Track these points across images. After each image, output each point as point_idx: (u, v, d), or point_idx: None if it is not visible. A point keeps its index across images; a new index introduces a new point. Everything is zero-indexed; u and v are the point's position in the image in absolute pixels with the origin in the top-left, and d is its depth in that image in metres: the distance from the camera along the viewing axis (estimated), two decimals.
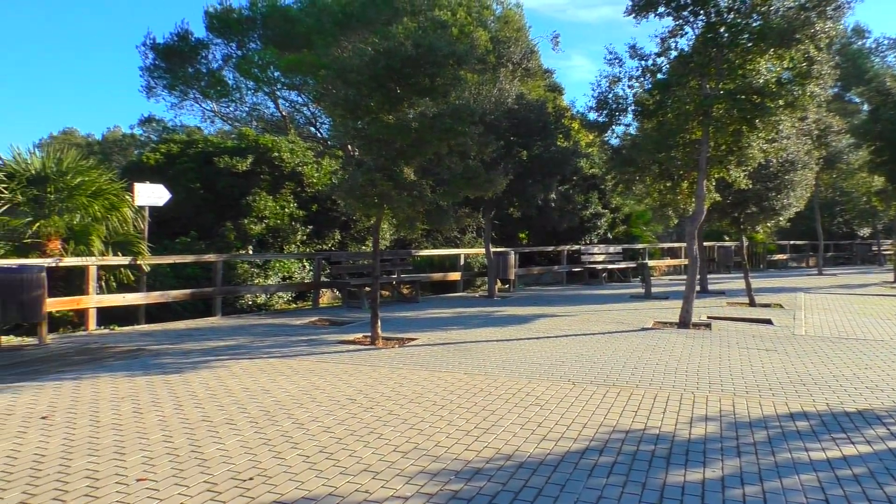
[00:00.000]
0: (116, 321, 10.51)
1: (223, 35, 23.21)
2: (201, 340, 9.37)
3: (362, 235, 16.99)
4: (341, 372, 7.31)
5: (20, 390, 6.26)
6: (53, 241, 9.95)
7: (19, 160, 9.90)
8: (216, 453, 4.54)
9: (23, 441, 4.76)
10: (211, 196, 15.16)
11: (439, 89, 8.40)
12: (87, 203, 10.03)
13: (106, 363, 7.62)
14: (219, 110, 24.60)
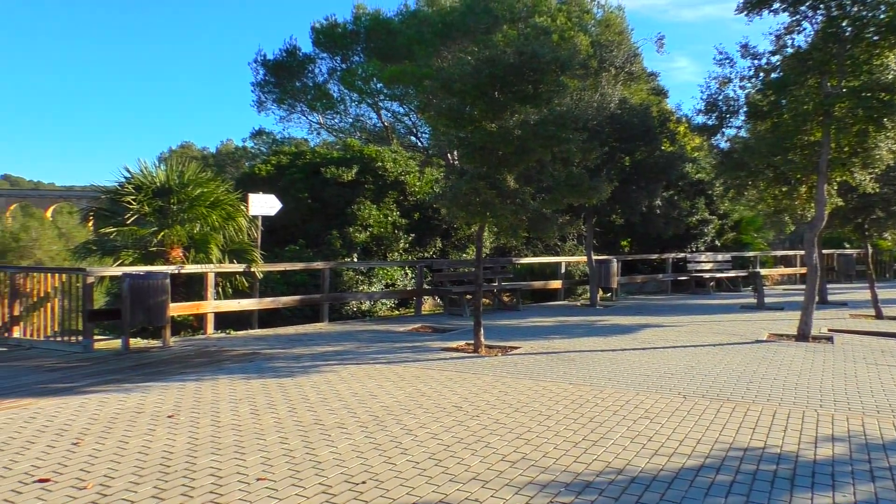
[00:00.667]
0: (232, 325, 11.04)
1: (328, 49, 24.05)
2: (311, 345, 9.69)
3: (463, 243, 17.11)
4: (446, 379, 7.37)
5: (148, 390, 6.67)
6: (176, 250, 10.59)
7: (146, 173, 10.63)
8: (329, 456, 4.67)
9: (152, 438, 5.07)
10: (318, 205, 15.70)
11: (542, 96, 8.35)
12: (206, 213, 10.63)
13: (224, 366, 8.02)
14: (324, 122, 25.48)
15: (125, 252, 10.33)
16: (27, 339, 9.35)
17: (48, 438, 5.00)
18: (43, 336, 9.44)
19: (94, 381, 7.09)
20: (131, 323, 8.93)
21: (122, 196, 10.16)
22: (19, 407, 5.93)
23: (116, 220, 10.39)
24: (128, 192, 10.26)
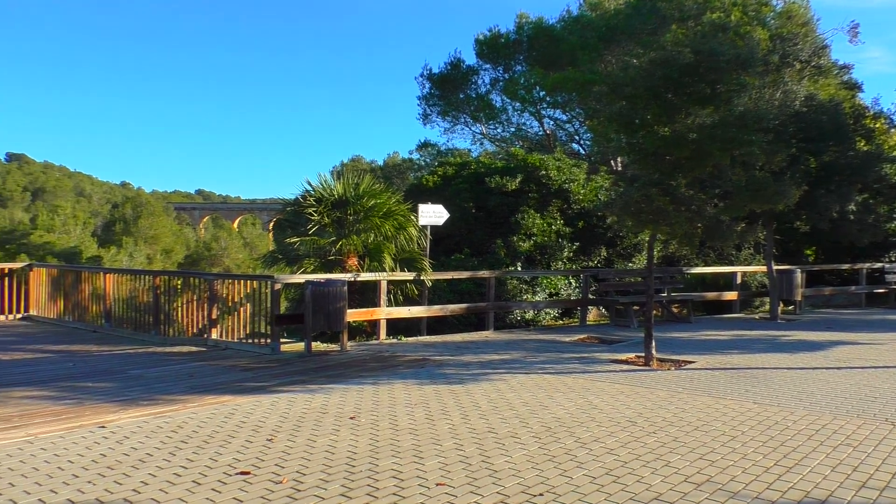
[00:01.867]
0: (402, 332, 11.44)
1: (491, 60, 24.37)
2: (478, 353, 9.81)
3: (629, 252, 16.59)
4: (617, 392, 7.15)
5: (330, 392, 7.05)
6: (352, 258, 11.17)
7: (325, 186, 11.32)
8: (504, 465, 4.67)
9: (337, 438, 5.34)
10: (482, 214, 15.91)
11: (721, 96, 7.90)
12: (380, 223, 11.13)
13: (398, 371, 8.31)
14: (486, 132, 25.83)
15: (307, 260, 11.06)
16: (222, 340, 10.23)
17: (246, 434, 5.43)
18: (235, 338, 10.30)
19: (282, 381, 7.62)
20: (313, 327, 9.51)
21: (305, 208, 10.89)
22: (219, 403, 6.49)
23: (299, 230, 11.15)
24: (309, 203, 10.99)
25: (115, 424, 5.63)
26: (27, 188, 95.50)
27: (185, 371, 8.17)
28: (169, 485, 4.26)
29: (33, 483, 4.25)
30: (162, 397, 6.67)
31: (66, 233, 53.27)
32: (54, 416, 5.90)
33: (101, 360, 9.03)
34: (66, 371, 8.23)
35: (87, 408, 6.20)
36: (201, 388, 7.16)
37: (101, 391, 6.98)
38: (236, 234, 71.93)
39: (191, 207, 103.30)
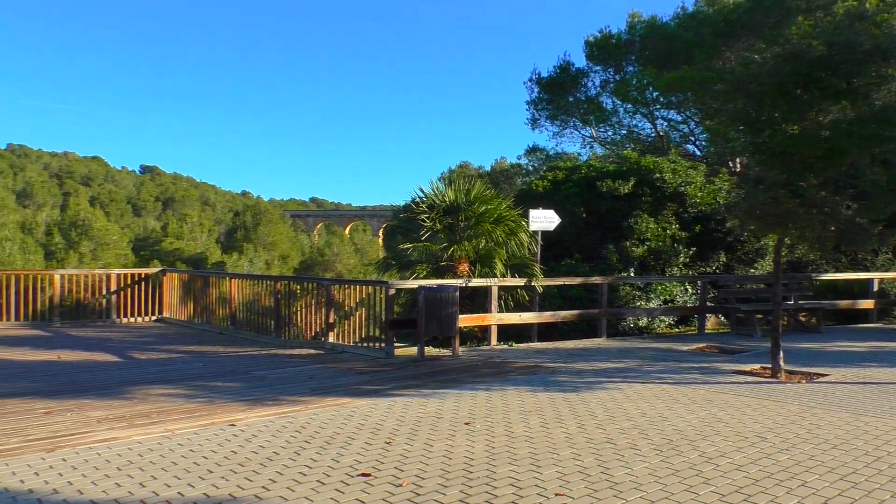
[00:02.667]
0: (512, 338, 11.38)
1: (601, 62, 23.91)
2: (591, 360, 9.60)
3: (750, 257, 15.76)
4: (743, 405, 6.79)
5: (444, 396, 7.10)
6: (463, 264, 11.23)
7: (437, 192, 11.47)
8: (625, 477, 4.53)
9: (453, 443, 5.36)
10: (593, 219, 15.60)
11: (859, 90, 7.35)
12: (491, 229, 11.14)
13: (510, 377, 8.26)
14: (596, 135, 25.36)
15: (419, 266, 11.23)
16: (339, 343, 10.55)
17: (365, 436, 5.55)
18: (351, 342, 10.58)
19: (396, 384, 7.75)
20: (426, 332, 9.62)
21: (417, 214, 11.07)
22: (339, 405, 6.67)
23: (411, 236, 11.34)
24: (421, 210, 11.15)
25: (244, 423, 5.91)
26: (159, 198, 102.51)
27: (305, 373, 8.47)
28: (295, 483, 4.41)
29: (172, 477, 4.52)
30: (285, 398, 6.93)
31: (193, 240, 56.82)
32: (188, 413, 6.26)
33: (228, 361, 9.52)
34: (196, 371, 8.73)
35: (218, 406, 6.54)
36: (321, 389, 7.39)
37: (230, 391, 7.35)
38: (348, 240, 74.14)
39: (305, 215, 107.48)
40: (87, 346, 10.60)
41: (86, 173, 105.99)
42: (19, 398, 6.78)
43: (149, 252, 50.44)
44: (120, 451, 5.06)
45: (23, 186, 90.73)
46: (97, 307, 14.23)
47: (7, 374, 8.31)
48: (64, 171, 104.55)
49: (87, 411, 6.27)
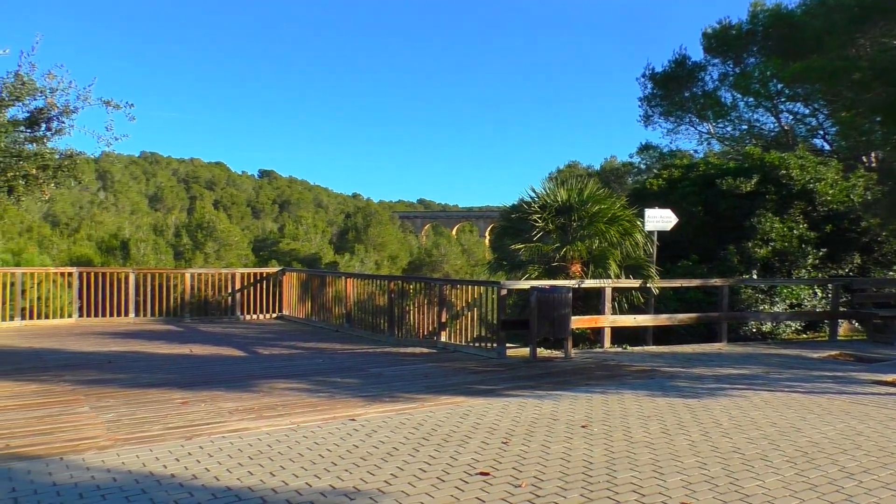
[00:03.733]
0: (626, 340, 11.10)
1: (720, 54, 22.88)
2: (711, 366, 9.21)
3: (888, 259, 14.60)
4: (886, 418, 6.30)
5: (559, 398, 7.01)
6: (575, 265, 11.06)
7: (549, 192, 11.34)
8: (757, 490, 4.30)
9: (570, 446, 5.27)
10: (711, 219, 14.95)
11: None
12: (605, 229, 10.90)
13: (625, 381, 8.05)
14: (714, 131, 24.28)
15: (531, 267, 11.14)
16: (451, 343, 10.64)
17: (481, 435, 5.56)
18: (463, 341, 10.65)
19: (509, 385, 7.72)
20: (538, 333, 9.55)
21: (529, 214, 10.99)
22: (454, 404, 6.72)
23: (523, 236, 11.27)
24: (533, 210, 11.06)
25: (364, 418, 6.07)
26: (275, 201, 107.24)
27: (419, 371, 8.60)
28: (416, 479, 4.48)
29: (300, 467, 4.70)
30: (401, 395, 7.07)
31: (307, 240, 59.00)
32: (311, 407, 6.50)
33: (345, 358, 9.81)
34: (316, 367, 9.05)
35: (338, 401, 6.75)
36: (436, 388, 7.48)
37: (348, 386, 7.57)
38: (455, 240, 74.81)
39: (413, 216, 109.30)
40: (215, 341, 11.22)
41: (210, 178, 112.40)
42: (158, 388, 7.27)
43: (267, 252, 52.82)
44: (250, 441, 5.32)
45: (154, 191, 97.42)
46: (223, 304, 15.06)
47: (147, 365, 8.94)
48: (190, 176, 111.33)
49: (219, 402, 6.63)
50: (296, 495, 4.18)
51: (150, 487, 4.28)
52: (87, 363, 8.97)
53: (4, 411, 6.22)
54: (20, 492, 4.18)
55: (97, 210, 68.15)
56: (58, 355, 9.67)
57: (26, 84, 9.63)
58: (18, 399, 6.74)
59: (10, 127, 9.67)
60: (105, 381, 7.72)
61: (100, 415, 6.09)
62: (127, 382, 7.60)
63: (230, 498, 4.13)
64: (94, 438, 5.34)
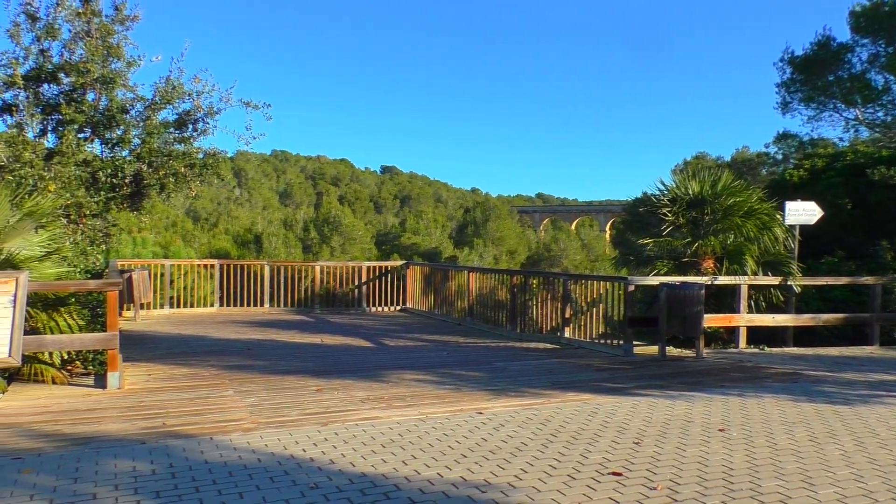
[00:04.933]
0: (764, 341, 10.47)
1: (870, 33, 21.06)
2: (862, 371, 8.52)
3: None
4: None
5: (692, 399, 6.72)
6: (707, 261, 10.55)
7: (680, 185, 10.87)
8: None
9: (708, 450, 5.03)
10: (860, 212, 13.85)
11: None
12: (741, 223, 10.32)
13: (764, 383, 7.59)
14: (862, 117, 22.43)
15: (659, 262, 10.74)
16: (575, 339, 10.46)
17: (611, 434, 5.42)
18: (587, 337, 10.44)
19: (638, 384, 7.48)
20: (667, 331, 9.20)
21: (658, 208, 10.58)
22: (581, 401, 6.60)
23: (651, 231, 10.87)
24: (662, 203, 10.65)
25: (490, 412, 6.07)
26: (397, 196, 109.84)
27: (543, 367, 8.52)
28: (546, 475, 4.42)
29: (430, 458, 4.77)
30: (527, 390, 7.02)
31: (428, 235, 60.06)
32: (438, 398, 6.58)
33: (469, 352, 9.88)
34: (441, 359, 9.17)
35: (465, 394, 6.80)
36: (561, 384, 7.37)
37: (473, 380, 7.60)
38: (574, 235, 73.68)
39: (532, 210, 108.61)
40: (344, 332, 11.63)
41: (335, 174, 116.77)
42: (294, 375, 7.62)
43: (389, 246, 54.28)
44: (382, 429, 5.46)
45: (284, 188, 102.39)
46: (350, 296, 15.59)
47: (282, 353, 9.40)
48: (317, 173, 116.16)
49: (351, 391, 6.86)
50: (428, 485, 4.24)
51: (291, 469, 4.49)
52: (229, 350, 9.55)
53: (160, 392, 6.74)
54: (177, 468, 4.50)
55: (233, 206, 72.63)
56: (202, 342, 10.36)
57: (176, 88, 10.38)
58: (171, 381, 7.28)
59: (161, 128, 10.45)
60: (246, 366, 8.18)
61: (242, 399, 6.46)
62: (266, 369, 8.03)
63: (365, 483, 4.25)
64: (239, 421, 5.67)
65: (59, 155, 9.41)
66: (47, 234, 7.58)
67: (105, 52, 9.98)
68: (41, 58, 9.99)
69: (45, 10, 10.03)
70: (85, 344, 6.98)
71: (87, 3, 10.09)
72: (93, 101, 10.15)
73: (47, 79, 9.98)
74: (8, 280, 6.36)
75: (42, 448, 4.90)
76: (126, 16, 10.41)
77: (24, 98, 9.85)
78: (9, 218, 7.03)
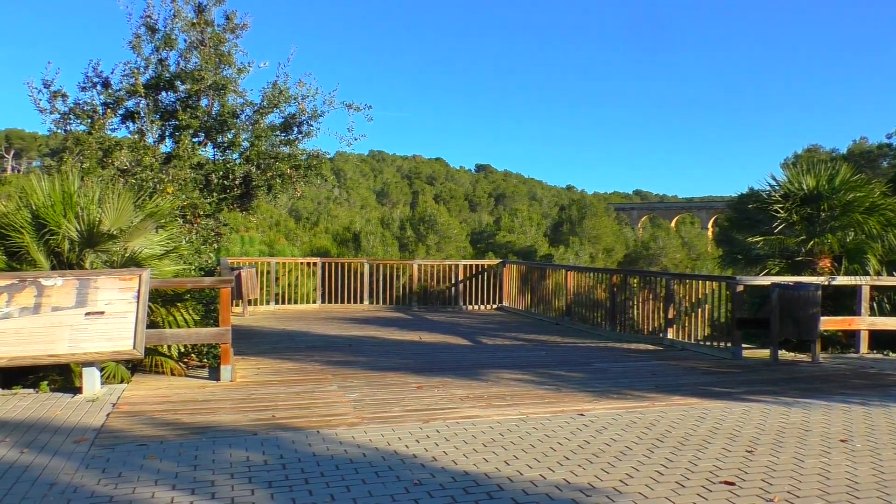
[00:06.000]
0: (887, 346, 9.77)
1: None
2: None
3: None
4: None
5: (808, 407, 6.35)
6: (824, 260, 9.96)
7: (792, 180, 10.30)
8: None
9: (829, 462, 4.74)
10: None
11: None
12: (862, 220, 9.66)
13: (891, 392, 7.08)
14: None
15: (770, 261, 10.22)
16: (678, 340, 10.11)
17: (721, 441, 5.19)
18: (691, 339, 10.07)
19: (748, 389, 7.15)
20: (779, 333, 8.75)
21: (769, 204, 10.07)
22: (687, 405, 6.37)
23: (761, 228, 10.36)
24: (774, 199, 10.13)
25: (592, 414, 5.96)
26: (491, 194, 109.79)
27: (645, 369, 8.28)
28: (653, 481, 4.29)
29: (532, 459, 4.72)
30: (629, 392, 6.84)
31: (522, 233, 59.68)
32: (539, 399, 6.52)
33: (567, 351, 9.75)
34: (539, 359, 9.09)
35: (565, 395, 6.71)
36: (665, 387, 7.14)
37: (572, 380, 7.49)
38: (674, 233, 71.33)
39: (629, 207, 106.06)
40: (442, 330, 11.73)
41: (430, 173, 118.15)
42: (395, 372, 7.75)
43: (484, 245, 54.31)
44: (483, 428, 5.46)
45: (381, 187, 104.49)
46: (446, 294, 15.71)
47: (382, 350, 9.58)
48: (413, 172, 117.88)
49: (451, 388, 6.90)
50: (531, 486, 4.21)
51: (395, 465, 4.56)
52: (332, 345, 9.83)
53: (269, 385, 7.02)
54: (287, 459, 4.66)
55: (332, 205, 74.75)
56: (306, 337, 10.71)
57: (283, 93, 10.78)
58: (278, 375, 7.56)
59: (269, 132, 10.88)
60: (348, 362, 8.39)
61: (346, 394, 6.63)
62: (367, 365, 8.20)
63: (468, 482, 4.26)
64: (344, 415, 5.82)
65: (176, 158, 9.97)
66: (166, 234, 8.04)
67: (217, 60, 10.50)
68: (160, 67, 10.63)
69: (163, 22, 10.65)
70: (201, 338, 7.35)
71: (201, 14, 10.64)
72: (206, 107, 10.70)
73: (165, 87, 10.60)
74: (132, 277, 6.79)
75: (164, 436, 5.19)
76: (236, 24, 10.90)
77: (145, 105, 10.51)
78: (132, 218, 7.50)
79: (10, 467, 4.47)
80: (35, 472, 4.39)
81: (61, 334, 6.41)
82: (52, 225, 7.05)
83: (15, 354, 6.23)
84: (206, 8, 10.72)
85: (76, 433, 5.22)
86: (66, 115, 10.10)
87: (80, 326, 6.48)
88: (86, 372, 6.47)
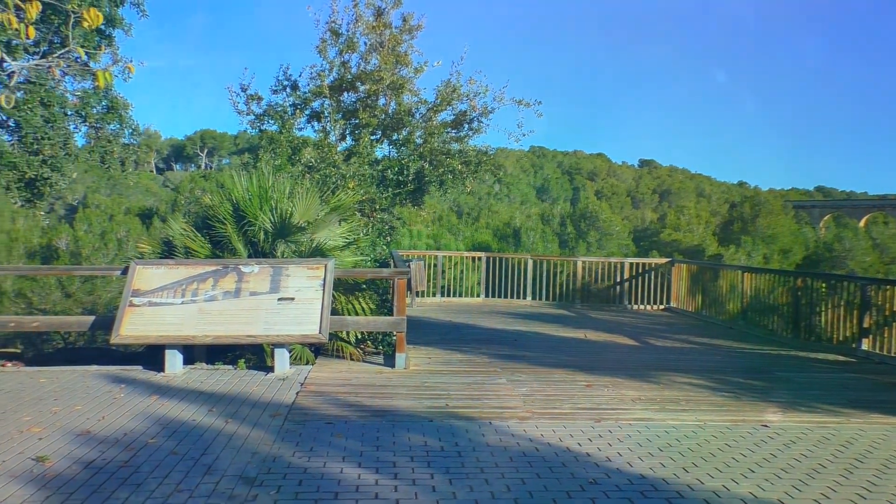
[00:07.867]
0: None
1: None
2: None
3: None
4: None
5: None
6: None
7: None
8: None
9: None
10: None
11: None
12: None
13: None
14: None
15: None
16: (875, 352, 9.21)
17: None
18: (891, 352, 9.13)
19: None
20: None
21: None
22: (889, 424, 5.81)
23: None
24: None
25: (777, 426, 5.60)
26: (655, 190, 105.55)
27: (835, 381, 7.64)
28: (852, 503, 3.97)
29: (713, 468, 4.53)
30: (819, 406, 6.35)
31: (689, 231, 56.98)
32: (716, 406, 6.23)
33: (744, 357, 9.20)
34: (713, 363, 8.65)
35: (745, 403, 6.35)
36: (862, 403, 6.54)
37: (752, 388, 7.06)
38: (863, 233, 64.82)
39: (810, 205, 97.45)
40: (607, 328, 11.49)
41: (591, 169, 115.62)
42: (562, 369, 7.71)
43: (647, 243, 52.36)
44: (657, 432, 5.31)
45: (541, 183, 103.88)
46: (610, 293, 15.36)
47: (547, 346, 9.57)
48: (573, 168, 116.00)
49: (621, 389, 6.77)
50: (713, 496, 4.04)
51: (568, 462, 4.56)
52: (498, 339, 9.96)
53: (440, 374, 7.26)
54: (462, 447, 4.81)
55: (493, 201, 75.45)
56: (472, 330, 10.93)
57: (455, 90, 11.07)
58: (448, 366, 7.79)
59: (441, 129, 11.21)
60: (515, 357, 8.47)
61: (515, 388, 6.70)
62: (534, 360, 8.23)
63: (645, 486, 4.17)
64: (514, 409, 5.90)
65: (356, 156, 10.56)
66: (347, 227, 8.55)
67: (394, 61, 10.99)
68: (342, 69, 11.30)
69: (346, 27, 11.30)
70: (378, 326, 7.75)
71: (380, 17, 11.17)
72: (383, 106, 11.23)
73: (347, 87, 11.26)
74: (319, 266, 7.29)
75: (347, 416, 5.54)
76: (412, 25, 11.33)
77: (329, 106, 11.21)
78: (319, 212, 8.04)
79: (217, 434, 4.98)
80: (238, 440, 4.86)
81: (257, 317, 7.03)
82: (250, 217, 7.73)
83: (219, 333, 6.91)
84: (384, 11, 11.23)
85: (271, 408, 5.71)
86: (260, 115, 11.02)
87: (274, 310, 7.07)
88: (277, 352, 7.04)
